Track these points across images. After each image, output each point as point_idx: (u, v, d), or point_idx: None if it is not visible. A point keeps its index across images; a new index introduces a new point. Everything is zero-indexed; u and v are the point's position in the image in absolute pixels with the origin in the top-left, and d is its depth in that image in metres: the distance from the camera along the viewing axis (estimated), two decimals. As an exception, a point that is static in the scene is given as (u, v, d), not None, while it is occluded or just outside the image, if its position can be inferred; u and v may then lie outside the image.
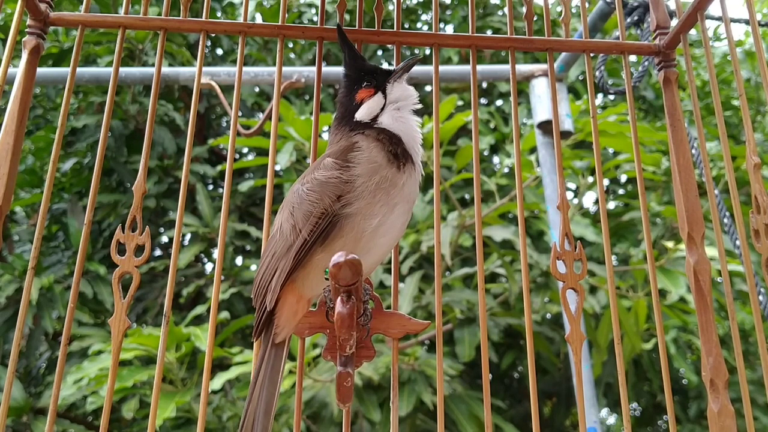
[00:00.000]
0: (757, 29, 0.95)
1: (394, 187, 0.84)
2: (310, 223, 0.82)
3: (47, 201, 0.89)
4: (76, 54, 0.95)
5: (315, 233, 0.82)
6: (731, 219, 1.66)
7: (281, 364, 0.85)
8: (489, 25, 4.06)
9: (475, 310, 2.97)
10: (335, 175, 0.84)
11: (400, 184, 0.85)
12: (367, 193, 0.82)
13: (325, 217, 0.82)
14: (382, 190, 0.83)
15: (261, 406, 0.82)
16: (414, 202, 0.90)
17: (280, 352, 0.85)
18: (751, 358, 3.20)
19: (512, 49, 1.04)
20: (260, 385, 0.83)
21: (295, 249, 0.83)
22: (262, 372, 0.84)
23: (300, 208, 0.84)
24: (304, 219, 0.83)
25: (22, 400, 2.87)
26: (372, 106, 0.94)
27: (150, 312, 3.43)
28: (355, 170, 0.84)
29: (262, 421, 0.81)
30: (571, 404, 3.66)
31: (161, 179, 3.69)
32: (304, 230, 0.82)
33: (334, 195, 0.82)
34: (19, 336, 0.84)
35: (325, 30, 1.03)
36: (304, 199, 0.84)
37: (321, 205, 0.82)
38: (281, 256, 0.84)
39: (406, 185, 0.86)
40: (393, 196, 0.84)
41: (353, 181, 0.83)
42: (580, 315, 0.90)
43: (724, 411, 0.87)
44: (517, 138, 0.99)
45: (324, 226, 0.82)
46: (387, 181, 0.84)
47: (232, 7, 4.05)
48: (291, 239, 0.83)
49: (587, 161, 3.10)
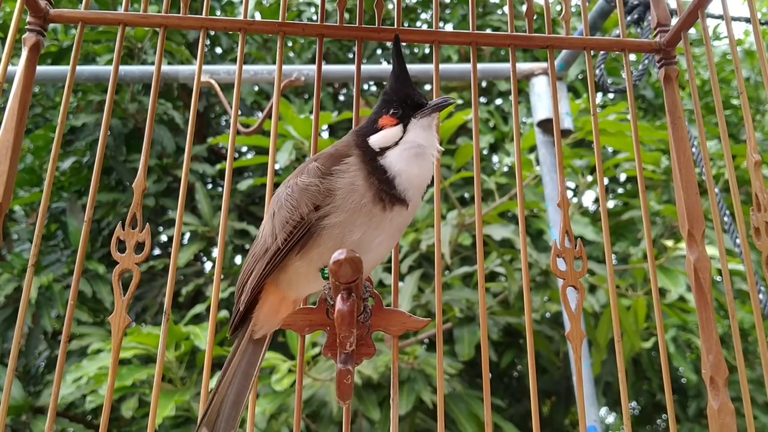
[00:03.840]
0: (758, 27, 0.95)
1: (373, 217, 0.81)
2: (285, 231, 0.81)
3: (47, 199, 0.89)
4: (76, 51, 0.95)
5: (290, 242, 0.81)
6: (731, 218, 1.66)
7: (258, 360, 0.86)
8: (488, 24, 4.06)
9: (475, 309, 2.97)
10: (314, 183, 0.81)
11: (387, 219, 0.81)
12: (345, 209, 0.80)
13: (301, 226, 0.81)
14: (362, 214, 0.80)
15: (230, 396, 0.82)
16: (404, 230, 0.86)
17: (259, 348, 0.86)
18: (750, 357, 3.20)
19: (513, 46, 1.04)
20: (231, 375, 0.84)
21: (270, 254, 0.83)
22: (235, 363, 0.85)
23: (279, 213, 0.83)
24: (280, 225, 0.82)
25: (22, 399, 2.87)
26: (387, 138, 0.86)
27: (149, 311, 3.43)
28: (337, 182, 0.81)
29: (229, 411, 0.82)
30: (571, 403, 3.66)
31: (160, 178, 3.68)
32: (279, 237, 0.82)
33: (311, 204, 0.81)
34: (19, 335, 0.84)
35: (325, 27, 1.03)
36: (283, 205, 0.83)
37: (297, 212, 0.81)
38: (258, 259, 0.84)
39: (394, 221, 0.82)
40: (375, 224, 0.81)
41: (332, 194, 0.80)
42: (580, 312, 0.90)
43: (724, 408, 0.87)
44: (518, 136, 0.99)
45: (300, 234, 0.81)
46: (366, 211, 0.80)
47: (231, 5, 4.05)
48: (269, 243, 0.84)
49: (587, 160, 3.10)
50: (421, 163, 0.85)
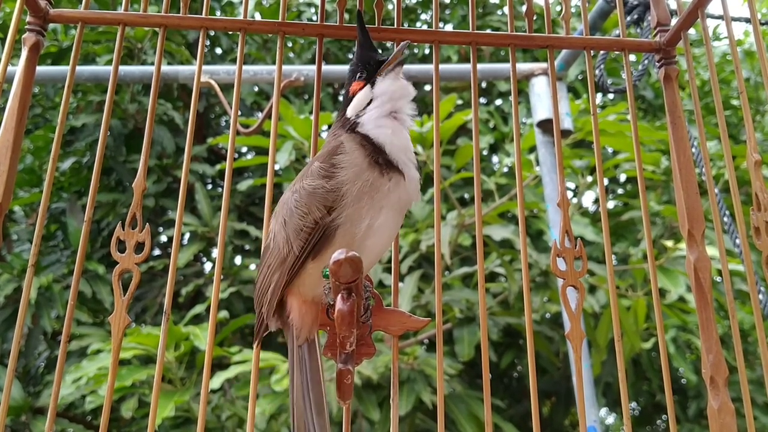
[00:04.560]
0: (758, 27, 0.95)
1: (377, 192, 0.81)
2: (301, 238, 0.81)
3: (46, 200, 0.89)
4: (76, 51, 0.95)
5: (306, 248, 0.81)
6: (731, 218, 1.66)
7: (318, 362, 0.82)
8: (488, 25, 4.07)
9: (475, 310, 2.97)
10: (321, 185, 0.81)
11: (385, 189, 0.82)
12: (352, 199, 0.80)
13: (315, 230, 0.81)
14: (366, 194, 0.81)
15: (312, 408, 0.78)
16: (405, 209, 0.87)
17: (312, 351, 0.83)
18: (750, 357, 3.20)
19: (513, 45, 1.04)
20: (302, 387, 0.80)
21: (288, 264, 0.82)
22: (299, 376, 0.81)
23: (291, 221, 0.83)
24: (294, 233, 0.82)
25: (21, 399, 2.87)
26: (360, 102, 0.89)
27: (149, 311, 3.43)
28: (339, 176, 0.81)
29: (318, 422, 0.77)
30: (571, 404, 3.66)
31: (160, 178, 3.68)
32: (295, 245, 0.81)
33: (322, 206, 0.81)
34: (19, 335, 0.83)
35: (325, 27, 1.03)
36: (294, 212, 0.82)
37: (310, 218, 0.81)
38: (275, 270, 0.84)
39: (393, 192, 0.83)
40: (378, 200, 0.82)
41: (339, 189, 0.81)
42: (580, 312, 0.90)
43: (724, 408, 0.86)
44: (517, 135, 0.99)
45: (316, 239, 0.81)
46: (369, 184, 0.81)
47: (231, 6, 4.05)
48: (284, 252, 0.83)
49: (587, 160, 3.11)
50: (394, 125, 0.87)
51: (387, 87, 0.88)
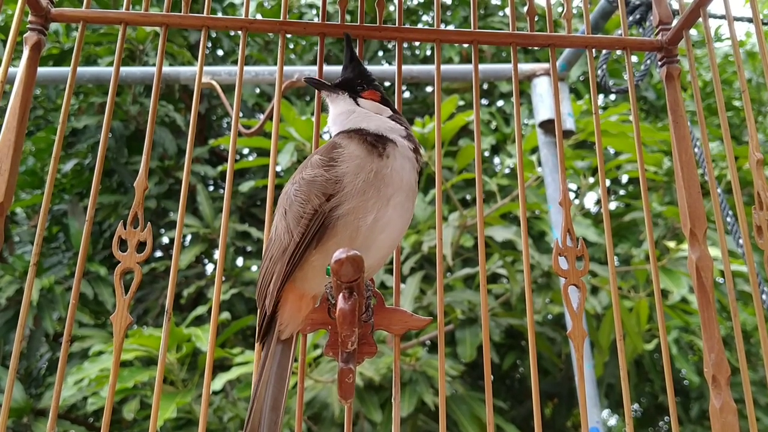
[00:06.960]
0: (761, 28, 0.95)
1: (382, 180, 0.82)
2: (301, 225, 0.82)
3: (48, 201, 0.89)
4: (77, 50, 0.95)
5: (307, 235, 0.81)
6: (734, 218, 1.65)
7: (288, 361, 0.84)
8: (490, 26, 4.07)
9: (477, 311, 2.96)
10: (320, 173, 0.83)
11: (388, 171, 0.83)
12: (355, 191, 0.81)
13: (315, 217, 0.81)
14: (371, 186, 0.82)
15: (268, 401, 0.81)
16: (411, 190, 0.87)
17: (287, 349, 0.85)
18: (752, 358, 3.20)
19: (514, 44, 1.03)
20: (266, 381, 0.82)
21: (289, 252, 0.82)
22: (267, 368, 0.83)
23: (291, 209, 0.83)
24: (295, 221, 0.82)
25: (23, 401, 2.87)
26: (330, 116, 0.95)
27: (151, 313, 3.43)
28: (340, 167, 0.83)
29: (270, 416, 0.80)
30: (573, 405, 3.66)
31: (162, 180, 3.69)
32: (295, 232, 0.82)
33: (321, 194, 0.81)
34: (21, 337, 0.83)
35: (326, 26, 1.03)
36: (293, 201, 0.83)
37: (310, 205, 0.82)
38: (277, 260, 0.84)
39: (395, 171, 0.84)
40: (384, 189, 0.82)
41: (340, 180, 0.82)
42: (582, 311, 0.89)
43: (726, 407, 0.86)
44: (519, 135, 0.98)
45: (316, 227, 0.81)
46: (373, 173, 0.82)
47: (232, 7, 4.05)
48: (285, 241, 0.83)
49: (588, 161, 3.10)
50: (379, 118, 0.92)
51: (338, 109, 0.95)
